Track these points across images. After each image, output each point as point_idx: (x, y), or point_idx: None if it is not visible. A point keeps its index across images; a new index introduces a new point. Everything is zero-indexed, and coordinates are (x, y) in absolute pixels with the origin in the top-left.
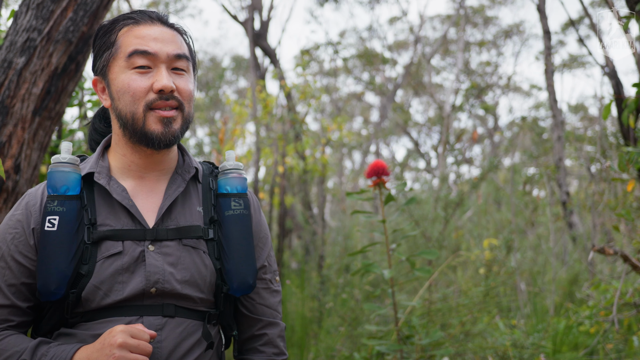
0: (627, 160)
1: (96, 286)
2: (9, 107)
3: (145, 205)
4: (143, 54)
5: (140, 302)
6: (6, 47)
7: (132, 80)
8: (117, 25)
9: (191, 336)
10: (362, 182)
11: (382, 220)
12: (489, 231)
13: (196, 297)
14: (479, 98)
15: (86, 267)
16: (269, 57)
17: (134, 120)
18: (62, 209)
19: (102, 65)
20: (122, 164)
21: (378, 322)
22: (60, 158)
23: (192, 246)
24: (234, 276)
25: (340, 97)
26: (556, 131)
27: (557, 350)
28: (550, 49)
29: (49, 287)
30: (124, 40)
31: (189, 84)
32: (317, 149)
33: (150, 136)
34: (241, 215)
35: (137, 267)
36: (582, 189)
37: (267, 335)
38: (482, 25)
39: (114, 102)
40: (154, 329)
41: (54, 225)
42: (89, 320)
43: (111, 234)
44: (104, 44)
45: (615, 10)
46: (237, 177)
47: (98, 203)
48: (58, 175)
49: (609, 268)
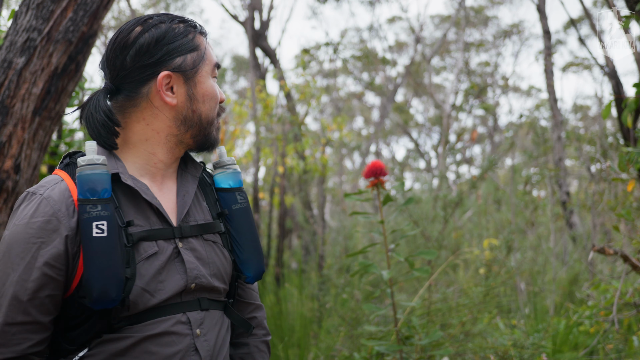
0: (627, 160)
1: (143, 288)
2: (9, 107)
3: (163, 203)
4: (218, 68)
5: (179, 300)
6: (6, 47)
7: (216, 89)
8: (196, 31)
9: (222, 326)
10: (362, 182)
11: (380, 221)
12: (489, 231)
13: (222, 288)
14: (478, 98)
15: (129, 270)
16: (269, 57)
17: (208, 124)
18: (108, 213)
19: (186, 65)
20: (144, 162)
21: (378, 322)
22: (95, 159)
23: (212, 241)
24: (250, 265)
25: (341, 97)
26: (556, 131)
27: (557, 350)
28: (550, 49)
29: (109, 294)
30: (208, 49)
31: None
32: (317, 149)
33: (211, 141)
34: (247, 208)
35: (172, 265)
36: (582, 189)
37: (257, 318)
38: (481, 25)
39: (192, 104)
40: (199, 323)
41: (104, 231)
42: (134, 323)
43: (146, 234)
44: (187, 44)
45: (615, 10)
46: (236, 172)
47: (124, 204)
48: (96, 178)
49: (609, 268)
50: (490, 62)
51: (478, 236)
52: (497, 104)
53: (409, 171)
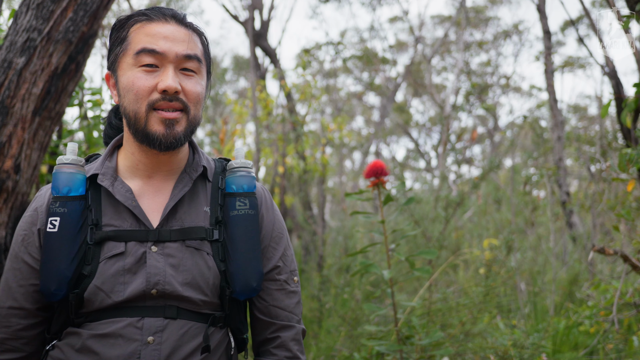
0: (627, 160)
1: (98, 287)
2: (9, 107)
3: (151, 206)
4: (150, 53)
5: (142, 303)
6: (6, 47)
7: (137, 79)
8: (130, 21)
9: (193, 339)
10: (362, 182)
11: (381, 221)
12: (489, 231)
13: (198, 299)
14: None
15: (89, 267)
16: (269, 57)
17: (136, 119)
18: (64, 210)
19: (112, 60)
20: (130, 163)
21: (378, 322)
22: (64, 159)
23: (195, 247)
24: (236, 279)
25: (341, 97)
26: (556, 131)
27: (557, 350)
28: (550, 49)
29: (49, 287)
30: (134, 37)
31: (197, 86)
32: (317, 149)
33: (151, 137)
34: (246, 216)
35: (139, 268)
36: (582, 189)
37: (280, 338)
38: (481, 25)
39: (120, 99)
40: (154, 330)
41: (55, 227)
42: (92, 320)
43: (114, 234)
44: (117, 39)
45: (615, 10)
46: (243, 176)
47: (104, 204)
48: (61, 177)
49: (609, 268)
50: (490, 62)
51: (478, 236)
52: (497, 104)
53: (409, 171)
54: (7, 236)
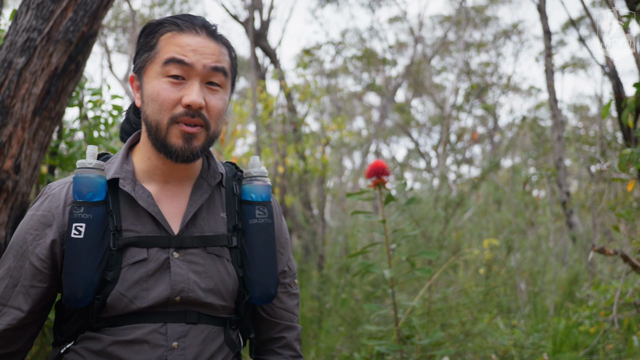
0: (627, 160)
1: (121, 293)
2: (9, 107)
3: (169, 211)
4: (179, 63)
5: (164, 309)
6: (6, 47)
7: (163, 90)
8: (162, 29)
9: (213, 342)
10: (362, 182)
11: (382, 221)
12: (489, 231)
13: (219, 305)
14: (479, 98)
15: (111, 273)
16: (269, 57)
17: (157, 129)
18: (89, 216)
19: (139, 65)
20: (147, 167)
21: (378, 322)
22: (87, 163)
23: (216, 254)
24: (256, 286)
25: (341, 97)
26: (556, 131)
27: (557, 350)
28: (550, 49)
29: (76, 294)
30: (163, 46)
31: (220, 102)
32: (317, 149)
33: (170, 149)
34: (265, 225)
35: (162, 275)
36: (582, 189)
37: (285, 338)
38: (481, 25)
39: (143, 106)
40: (178, 336)
41: (81, 233)
42: (113, 325)
43: (136, 240)
44: (146, 44)
45: (615, 10)
46: (262, 185)
47: (123, 208)
48: (84, 181)
49: (609, 268)
50: (490, 62)
51: (478, 236)
52: (497, 104)
53: (409, 171)
54: (7, 236)
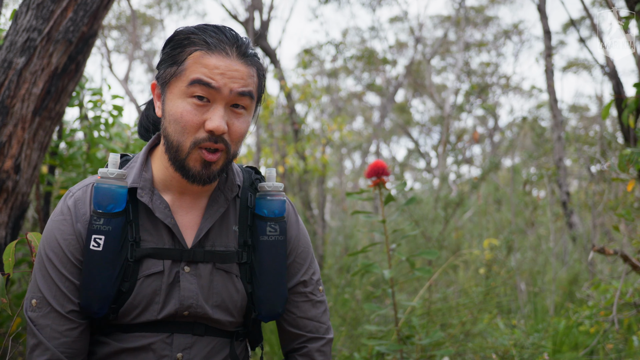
0: (627, 160)
1: (134, 304)
2: (9, 107)
3: (184, 222)
4: (205, 86)
5: (172, 320)
6: (6, 47)
7: (187, 112)
8: (191, 46)
9: (218, 354)
10: (362, 182)
11: (382, 221)
12: (489, 231)
13: (226, 321)
14: (479, 98)
15: (127, 284)
16: (269, 57)
17: (178, 150)
18: (108, 228)
19: (164, 79)
20: (164, 177)
21: (378, 322)
22: (109, 173)
23: (225, 270)
24: (263, 304)
25: (341, 97)
26: (556, 131)
27: (557, 350)
28: (550, 49)
29: (92, 307)
30: (191, 64)
31: (243, 125)
32: (317, 149)
33: (188, 172)
34: (276, 242)
35: (173, 289)
36: (582, 189)
37: (307, 347)
38: (482, 25)
39: (164, 121)
40: (183, 347)
41: (100, 245)
42: (123, 331)
43: (153, 252)
44: (172, 57)
45: (615, 10)
46: (276, 200)
47: (142, 218)
48: (105, 192)
49: (609, 268)
50: (490, 62)
51: (478, 236)
52: (497, 104)
53: (410, 171)
54: (7, 236)
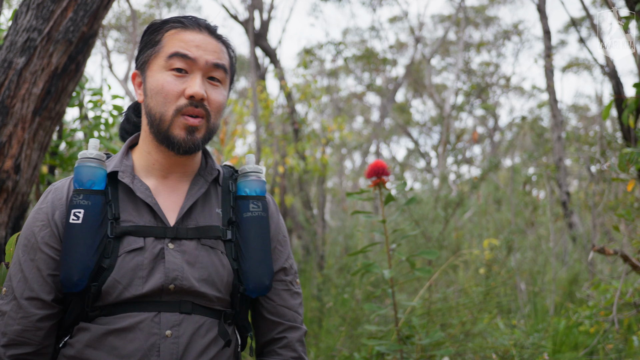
0: (627, 160)
1: (116, 280)
2: (9, 107)
3: (167, 204)
4: (182, 57)
5: (158, 299)
6: (6, 47)
7: (167, 83)
8: (166, 26)
9: (207, 333)
10: (362, 182)
11: (382, 220)
12: (489, 231)
13: (213, 295)
14: (479, 97)
15: (108, 260)
16: (269, 57)
17: (161, 121)
18: (88, 203)
19: (143, 60)
20: (146, 162)
21: (378, 322)
22: (88, 153)
23: (210, 246)
24: (250, 277)
25: (341, 97)
26: (556, 131)
27: (557, 350)
28: (550, 49)
29: (72, 278)
30: (168, 41)
31: (220, 96)
32: (317, 149)
33: (172, 140)
34: (259, 217)
35: (157, 264)
36: (582, 189)
37: (287, 338)
38: (482, 25)
39: (146, 99)
40: (171, 324)
41: (79, 218)
42: (108, 314)
43: (133, 229)
44: (150, 41)
45: (615, 10)
46: (256, 180)
47: (122, 200)
48: (85, 170)
49: (609, 268)
50: (491, 62)
51: (478, 236)
52: (497, 103)
53: (410, 171)
54: (7, 236)
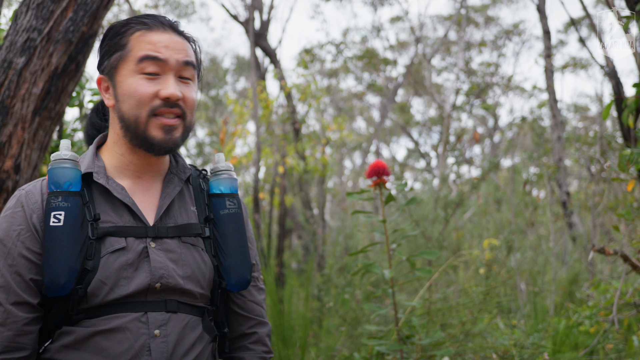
0: (627, 160)
1: (102, 281)
2: (9, 107)
3: (143, 204)
4: (154, 60)
5: (143, 299)
6: (6, 47)
7: (140, 86)
8: (130, 29)
9: (193, 331)
10: (362, 182)
11: (382, 220)
12: (489, 231)
13: (197, 292)
14: (479, 97)
15: (91, 262)
16: (269, 57)
17: (136, 124)
18: (67, 204)
19: (110, 66)
20: (119, 163)
21: (378, 322)
22: (62, 155)
23: (191, 243)
24: (232, 272)
25: (342, 97)
26: (556, 131)
27: (557, 350)
28: (550, 49)
29: (58, 281)
30: (135, 44)
31: (193, 93)
32: (317, 149)
33: (150, 141)
34: (236, 214)
35: (141, 263)
36: (582, 189)
37: (257, 333)
38: (482, 25)
39: (117, 104)
40: (159, 324)
41: (60, 221)
42: (92, 317)
43: (114, 230)
44: (114, 45)
45: (615, 10)
46: (229, 178)
47: (98, 201)
48: (60, 172)
49: (609, 268)
50: (491, 62)
51: (478, 236)
52: (497, 103)
53: (410, 171)
54: None
